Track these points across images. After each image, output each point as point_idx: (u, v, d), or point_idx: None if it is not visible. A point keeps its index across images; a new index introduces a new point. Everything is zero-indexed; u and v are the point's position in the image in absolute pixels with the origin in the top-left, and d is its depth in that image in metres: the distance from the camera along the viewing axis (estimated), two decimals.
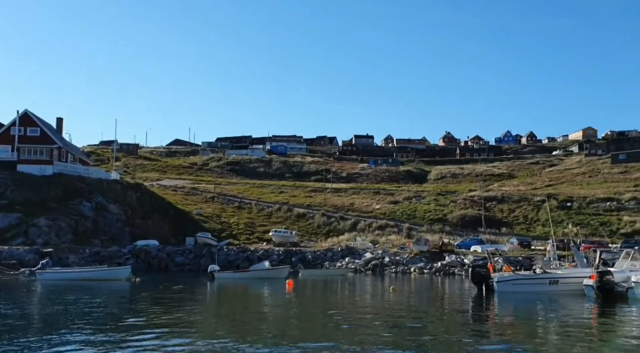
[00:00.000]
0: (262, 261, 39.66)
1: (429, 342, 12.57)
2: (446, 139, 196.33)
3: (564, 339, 13.28)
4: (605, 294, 21.33)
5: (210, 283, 31.87)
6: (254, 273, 35.22)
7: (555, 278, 23.85)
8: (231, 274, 36.08)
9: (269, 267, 35.94)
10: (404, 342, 12.56)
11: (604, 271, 21.77)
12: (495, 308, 20.42)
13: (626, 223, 70.38)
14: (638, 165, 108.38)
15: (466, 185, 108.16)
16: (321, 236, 72.35)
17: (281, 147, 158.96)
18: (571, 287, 22.96)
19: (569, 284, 23.18)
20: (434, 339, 13.08)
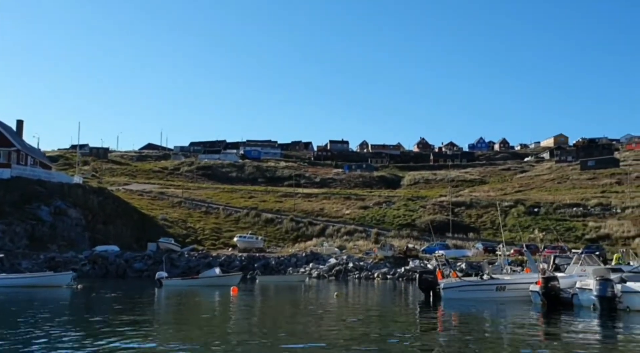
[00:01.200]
0: (213, 267, 38.70)
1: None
2: (420, 145, 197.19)
3: (495, 347, 12.73)
4: (551, 300, 20.94)
5: (157, 290, 30.83)
6: (204, 280, 34.25)
7: (502, 284, 23.45)
8: (179, 281, 35.05)
9: (220, 274, 35.03)
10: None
11: (549, 277, 21.39)
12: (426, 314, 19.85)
13: (591, 229, 70.95)
14: (606, 171, 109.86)
15: (438, 191, 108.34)
16: (289, 241, 71.63)
17: (255, 152, 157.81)
18: (518, 293, 22.56)
19: (516, 290, 22.79)
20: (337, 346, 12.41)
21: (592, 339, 13.94)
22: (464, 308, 21.59)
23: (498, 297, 23.16)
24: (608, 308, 19.12)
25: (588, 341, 13.56)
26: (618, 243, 64.98)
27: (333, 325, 15.74)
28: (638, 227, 69.45)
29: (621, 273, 21.69)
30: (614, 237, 67.48)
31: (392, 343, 12.90)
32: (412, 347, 12.52)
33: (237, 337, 13.75)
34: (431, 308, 22.35)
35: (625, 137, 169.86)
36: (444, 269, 24.98)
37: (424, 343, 13.20)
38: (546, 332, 15.87)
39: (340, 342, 12.82)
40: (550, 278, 21.27)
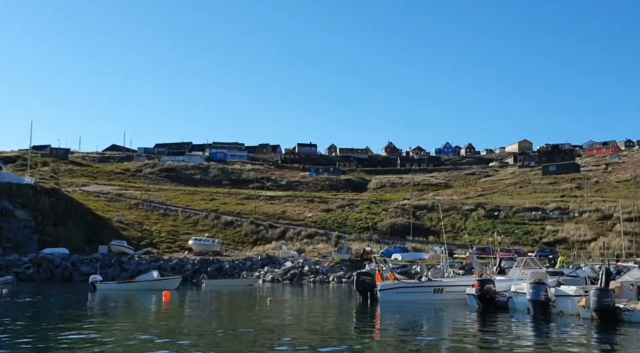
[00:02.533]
0: (151, 271, 37.40)
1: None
2: (388, 149, 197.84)
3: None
4: (486, 303, 20.48)
5: (90, 295, 29.46)
6: (140, 284, 32.94)
7: (440, 287, 22.95)
8: (115, 285, 33.67)
9: (157, 278, 33.76)
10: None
11: (484, 280, 20.93)
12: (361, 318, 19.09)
13: (549, 233, 71.61)
14: (567, 176, 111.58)
15: (402, 194, 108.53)
16: (248, 245, 70.53)
17: (221, 154, 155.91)
18: (456, 295, 22.06)
19: (453, 293, 22.30)
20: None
21: (519, 345, 13.36)
22: (400, 310, 20.96)
23: (435, 299, 22.65)
24: (541, 312, 18.71)
25: (516, 347, 12.98)
26: (574, 247, 65.49)
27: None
28: (594, 231, 70.40)
29: (559, 277, 21.37)
30: (571, 240, 68.18)
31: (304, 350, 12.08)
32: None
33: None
34: (368, 311, 21.67)
35: (587, 143, 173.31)
36: (384, 271, 24.33)
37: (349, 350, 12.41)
38: (474, 335, 15.29)
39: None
40: (485, 281, 20.79)
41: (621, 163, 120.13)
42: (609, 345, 13.72)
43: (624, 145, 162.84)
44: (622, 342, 14.14)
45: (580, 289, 18.14)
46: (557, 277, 21.21)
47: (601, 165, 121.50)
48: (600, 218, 74.28)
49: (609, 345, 13.71)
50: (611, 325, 15.97)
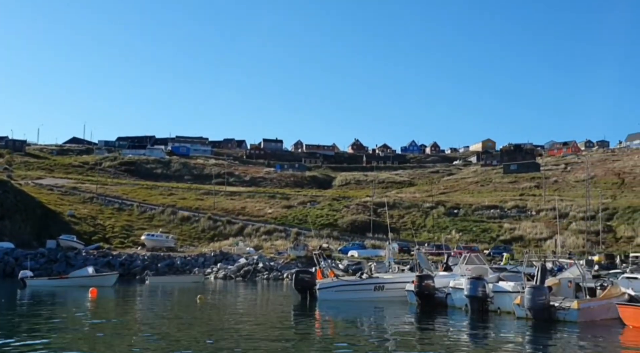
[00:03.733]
0: (86, 266, 35.89)
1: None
2: (355, 146, 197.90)
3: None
4: (425, 300, 19.87)
5: (19, 292, 27.90)
6: (74, 280, 31.43)
7: (381, 284, 22.28)
8: (46, 281, 32.10)
9: (93, 274, 32.32)
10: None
11: (423, 276, 20.33)
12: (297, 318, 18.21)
13: (506, 231, 72.14)
14: (527, 175, 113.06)
15: (367, 192, 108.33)
16: (204, 241, 69.12)
17: (183, 149, 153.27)
18: (397, 292, 21.42)
19: (394, 290, 21.65)
20: None
21: (444, 343, 12.70)
22: (339, 309, 20.21)
23: (376, 297, 21.97)
24: (479, 308, 18.17)
25: (440, 345, 12.30)
26: (530, 244, 66.19)
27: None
28: (551, 229, 71.16)
29: (499, 273, 20.93)
30: (527, 238, 68.82)
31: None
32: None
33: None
34: (306, 311, 20.82)
35: (549, 143, 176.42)
36: (324, 269, 23.53)
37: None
38: (406, 333, 14.58)
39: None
40: (424, 277, 20.18)
41: (580, 163, 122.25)
42: (539, 346, 13.18)
43: (584, 145, 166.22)
44: (553, 342, 13.62)
45: (518, 286, 17.63)
46: (498, 273, 20.77)
47: (561, 165, 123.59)
48: (556, 216, 75.17)
49: (539, 346, 13.17)
50: (545, 324, 15.49)
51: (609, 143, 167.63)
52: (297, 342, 12.79)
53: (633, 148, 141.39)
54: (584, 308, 15.67)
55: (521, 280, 19.69)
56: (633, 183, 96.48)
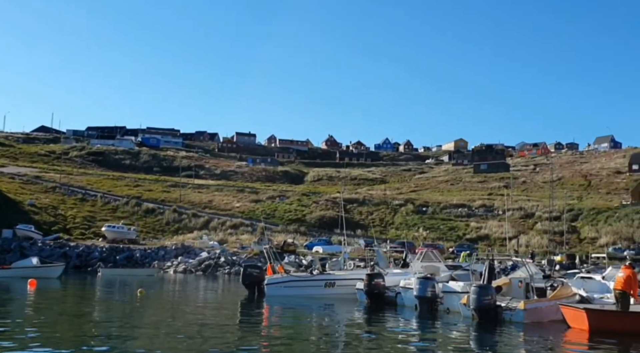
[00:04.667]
0: (30, 257, 34.61)
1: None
2: (329, 143, 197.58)
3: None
4: (374, 299, 19.30)
5: None
6: (17, 271, 30.16)
7: (332, 281, 21.66)
8: None
9: (37, 264, 31.11)
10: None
11: (373, 274, 19.77)
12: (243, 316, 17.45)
13: (472, 229, 72.43)
14: (496, 175, 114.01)
15: (338, 188, 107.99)
16: (169, 233, 67.80)
17: (154, 140, 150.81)
18: (349, 290, 20.82)
19: (345, 287, 21.05)
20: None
21: (390, 345, 12.12)
22: (287, 306, 19.53)
23: (327, 294, 21.32)
24: (428, 309, 17.65)
25: (387, 346, 11.72)
26: (496, 243, 66.53)
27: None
28: (516, 228, 71.65)
29: (452, 272, 20.48)
30: (493, 237, 69.18)
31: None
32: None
33: None
34: (253, 307, 20.09)
35: (520, 144, 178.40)
36: (275, 263, 22.83)
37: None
38: (351, 333, 13.97)
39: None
40: (374, 275, 19.60)
41: (549, 164, 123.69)
42: (479, 348, 12.69)
43: (554, 147, 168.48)
44: (495, 343, 13.15)
45: (468, 286, 17.14)
46: (450, 272, 20.32)
47: (530, 166, 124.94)
48: (522, 216, 75.83)
49: (480, 348, 12.68)
50: (490, 325, 15.02)
51: (578, 145, 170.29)
52: (231, 340, 12.05)
53: (600, 151, 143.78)
54: (530, 309, 15.24)
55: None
56: (599, 186, 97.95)
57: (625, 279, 14.01)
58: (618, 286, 14.19)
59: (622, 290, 13.98)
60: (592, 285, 20.35)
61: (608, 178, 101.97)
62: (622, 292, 13.97)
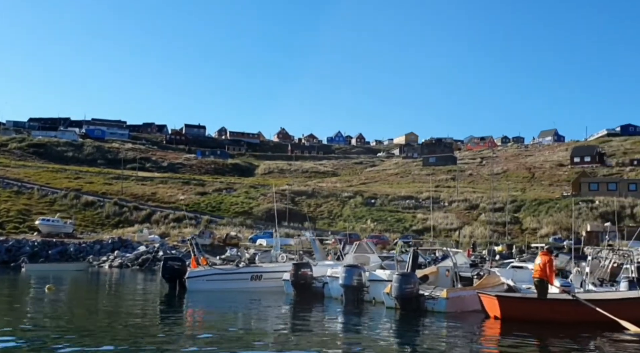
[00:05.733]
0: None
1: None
2: (281, 135, 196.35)
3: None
4: (301, 290, 18.58)
5: None
6: None
7: (258, 273, 20.82)
8: None
9: None
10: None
11: (300, 264, 19.05)
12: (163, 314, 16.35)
13: (419, 221, 72.87)
14: (444, 168, 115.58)
15: (288, 181, 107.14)
16: (108, 227, 65.45)
17: (99, 131, 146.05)
18: (276, 282, 20.01)
19: (273, 279, 20.25)
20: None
21: (307, 338, 11.37)
22: (209, 301, 18.53)
23: (253, 287, 20.44)
24: (353, 299, 17.04)
25: (304, 340, 10.94)
26: (441, 235, 67.12)
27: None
28: (461, 219, 72.57)
29: (382, 262, 19.97)
30: (438, 228, 69.70)
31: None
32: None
33: None
34: (173, 303, 19.01)
35: (468, 138, 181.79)
36: (199, 255, 21.77)
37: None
38: (271, 327, 13.17)
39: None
40: (300, 265, 18.88)
41: (495, 157, 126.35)
42: (396, 338, 12.09)
43: (501, 141, 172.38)
44: (412, 333, 12.59)
45: (394, 274, 16.58)
46: (380, 262, 19.81)
47: (477, 159, 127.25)
48: (467, 208, 76.85)
49: (396, 338, 12.08)
50: (412, 315, 14.51)
51: (524, 139, 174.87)
52: (132, 340, 11.04)
53: (545, 144, 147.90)
54: (453, 298, 14.81)
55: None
56: (542, 178, 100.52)
57: (541, 266, 13.73)
58: (535, 274, 13.92)
59: (539, 277, 13.70)
60: (523, 274, 20.22)
61: (551, 170, 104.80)
62: (540, 280, 13.69)
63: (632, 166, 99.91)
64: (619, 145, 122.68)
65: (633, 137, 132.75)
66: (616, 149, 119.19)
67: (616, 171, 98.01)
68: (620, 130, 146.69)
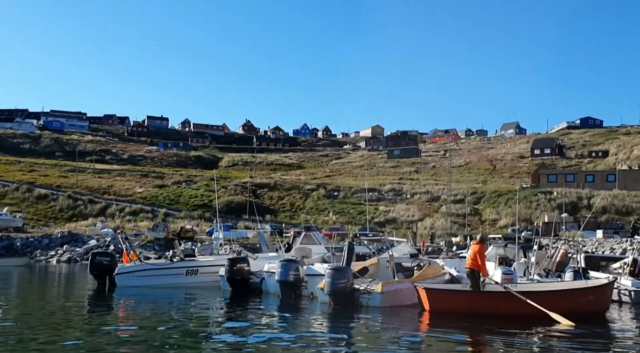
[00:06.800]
0: None
1: None
2: (246, 127, 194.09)
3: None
4: (237, 286, 17.67)
5: None
6: None
7: (194, 268, 19.87)
8: None
9: None
10: None
11: (236, 258, 18.17)
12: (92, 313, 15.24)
13: (381, 213, 72.71)
14: (408, 160, 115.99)
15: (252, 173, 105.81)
16: (62, 221, 63.48)
17: (57, 123, 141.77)
18: (214, 277, 19.08)
19: (210, 274, 19.31)
20: None
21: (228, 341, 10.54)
22: (141, 298, 17.48)
23: (188, 282, 19.44)
24: (290, 295, 16.21)
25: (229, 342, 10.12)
26: (403, 226, 67.10)
27: None
28: (422, 211, 72.70)
29: (325, 254, 19.21)
30: (400, 220, 69.69)
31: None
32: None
33: None
34: (101, 301, 17.87)
35: (432, 130, 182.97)
36: (130, 249, 20.64)
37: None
38: (194, 328, 12.25)
39: None
40: (236, 260, 17.97)
41: (458, 150, 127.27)
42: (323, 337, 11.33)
43: (464, 134, 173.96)
44: (340, 331, 11.85)
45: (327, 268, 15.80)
46: (322, 254, 19.06)
47: (440, 152, 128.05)
48: (429, 200, 77.03)
49: (323, 337, 11.32)
50: (345, 311, 13.78)
51: (487, 132, 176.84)
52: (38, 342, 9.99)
53: (507, 137, 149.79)
54: (388, 292, 14.09)
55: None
56: (503, 170, 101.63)
57: (472, 256, 13.18)
58: (467, 264, 13.36)
59: (470, 268, 13.14)
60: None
61: (512, 162, 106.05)
62: (471, 270, 13.13)
63: (590, 158, 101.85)
64: (578, 138, 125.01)
65: (592, 130, 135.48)
66: (576, 142, 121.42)
67: (575, 163, 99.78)
68: (580, 123, 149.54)
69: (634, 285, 17.76)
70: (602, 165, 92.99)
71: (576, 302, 12.51)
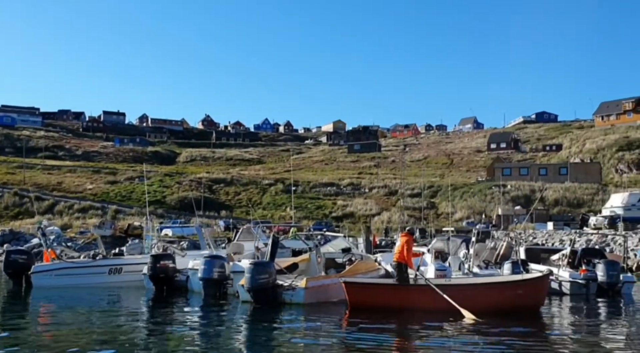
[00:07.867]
0: None
1: None
2: (205, 122, 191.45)
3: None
4: (161, 284, 16.67)
5: None
6: None
7: (118, 266, 18.77)
8: None
9: None
10: None
11: (159, 255, 17.16)
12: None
13: (339, 207, 72.27)
14: (369, 155, 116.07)
15: (209, 168, 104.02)
16: (7, 219, 60.93)
17: (8, 119, 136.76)
18: (139, 276, 18.02)
19: (134, 273, 18.24)
20: None
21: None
22: (59, 299, 16.27)
23: (112, 281, 18.33)
24: (214, 293, 15.32)
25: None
26: (360, 220, 66.74)
27: None
28: (380, 205, 72.53)
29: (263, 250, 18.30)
30: (358, 214, 69.35)
31: None
32: None
33: None
34: (16, 302, 16.60)
35: (393, 125, 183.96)
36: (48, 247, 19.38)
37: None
38: (116, 331, 11.24)
39: None
40: (159, 256, 16.95)
41: (417, 144, 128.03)
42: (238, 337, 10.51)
43: (424, 129, 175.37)
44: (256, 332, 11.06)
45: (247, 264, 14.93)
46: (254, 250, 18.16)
47: (400, 146, 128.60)
48: (387, 193, 76.97)
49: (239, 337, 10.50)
50: (266, 308, 12.97)
51: (446, 127, 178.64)
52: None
53: (465, 131, 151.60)
54: (313, 287, 13.35)
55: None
56: (460, 164, 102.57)
57: (399, 249, 12.56)
58: (394, 257, 12.73)
59: (397, 261, 12.51)
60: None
61: (469, 156, 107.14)
62: (397, 263, 12.50)
63: (544, 151, 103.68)
64: (533, 132, 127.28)
65: (547, 124, 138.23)
66: (531, 135, 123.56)
67: (530, 156, 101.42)
68: (536, 118, 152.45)
69: (572, 277, 17.55)
70: (555, 158, 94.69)
71: (503, 296, 11.98)
